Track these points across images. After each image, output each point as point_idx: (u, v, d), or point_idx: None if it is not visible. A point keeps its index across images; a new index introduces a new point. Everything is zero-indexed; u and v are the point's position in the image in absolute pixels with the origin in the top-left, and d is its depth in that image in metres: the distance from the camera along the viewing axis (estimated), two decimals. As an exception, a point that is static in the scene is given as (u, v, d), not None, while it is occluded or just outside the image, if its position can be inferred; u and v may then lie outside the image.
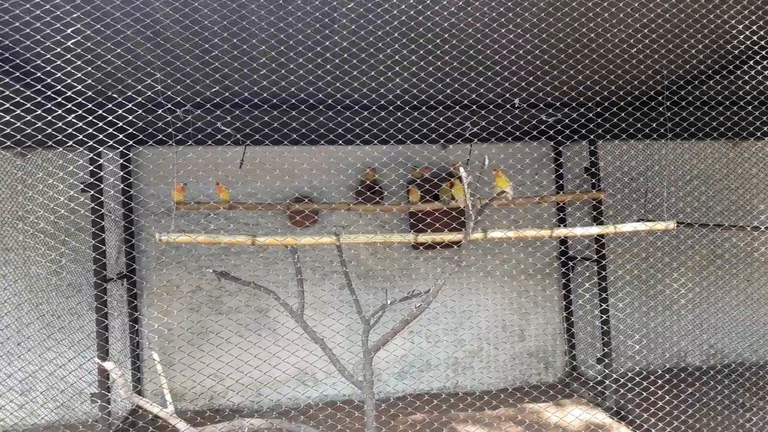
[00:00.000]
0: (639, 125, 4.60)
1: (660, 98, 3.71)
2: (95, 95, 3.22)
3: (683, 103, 3.84)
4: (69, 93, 2.89)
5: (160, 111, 3.40)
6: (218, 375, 4.82)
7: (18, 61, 2.72)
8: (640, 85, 3.64)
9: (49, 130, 3.29)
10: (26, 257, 4.64)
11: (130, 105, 3.27)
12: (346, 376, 2.96)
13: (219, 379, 4.87)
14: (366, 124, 4.11)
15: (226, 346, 4.78)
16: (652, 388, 4.70)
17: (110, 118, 3.40)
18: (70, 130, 3.20)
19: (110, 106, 3.40)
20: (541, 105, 3.99)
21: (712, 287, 5.62)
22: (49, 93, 2.93)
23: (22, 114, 2.99)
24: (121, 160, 4.55)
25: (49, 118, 2.97)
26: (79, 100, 3.01)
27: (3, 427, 4.56)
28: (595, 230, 3.45)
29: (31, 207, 4.54)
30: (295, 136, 4.39)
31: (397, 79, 3.23)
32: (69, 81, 2.78)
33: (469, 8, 2.38)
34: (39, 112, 2.98)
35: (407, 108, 3.81)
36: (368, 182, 4.91)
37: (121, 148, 4.55)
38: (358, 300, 3.19)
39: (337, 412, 4.76)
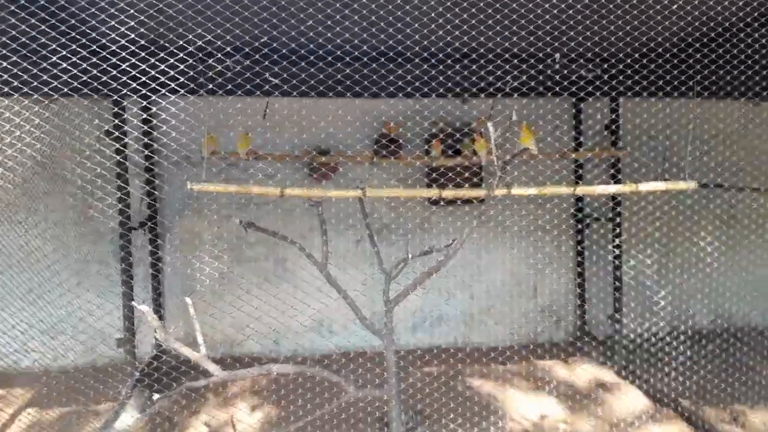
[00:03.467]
0: (661, 83, 4.53)
1: (690, 50, 3.65)
2: (108, 42, 3.20)
3: (714, 56, 3.77)
4: (104, 41, 2.89)
5: (189, 60, 3.39)
6: (238, 322, 4.94)
7: (53, 8, 2.71)
8: (671, 37, 3.57)
9: (84, 78, 3.30)
10: (54, 204, 4.73)
11: (152, 49, 3.25)
12: (367, 326, 3.05)
13: (239, 326, 4.99)
14: (391, 77, 4.07)
15: (246, 295, 4.88)
16: (660, 345, 4.80)
17: (138, 64, 3.39)
18: (96, 73, 3.21)
19: (133, 48, 3.37)
20: (570, 57, 3.93)
21: (724, 247, 5.65)
22: (83, 40, 2.93)
23: (59, 61, 3.00)
24: (145, 103, 4.55)
25: (85, 65, 2.98)
26: (103, 42, 3.01)
27: (36, 368, 4.74)
28: (616, 188, 3.46)
29: (56, 153, 4.58)
30: (321, 88, 4.36)
31: (425, 30, 3.19)
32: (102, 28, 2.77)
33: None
34: (72, 58, 2.98)
35: (433, 60, 3.77)
36: (391, 135, 4.89)
37: (144, 92, 4.54)
38: (379, 252, 3.26)
39: (352, 361, 4.89)
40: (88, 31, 2.92)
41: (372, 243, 3.24)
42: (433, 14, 3.01)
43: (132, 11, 2.72)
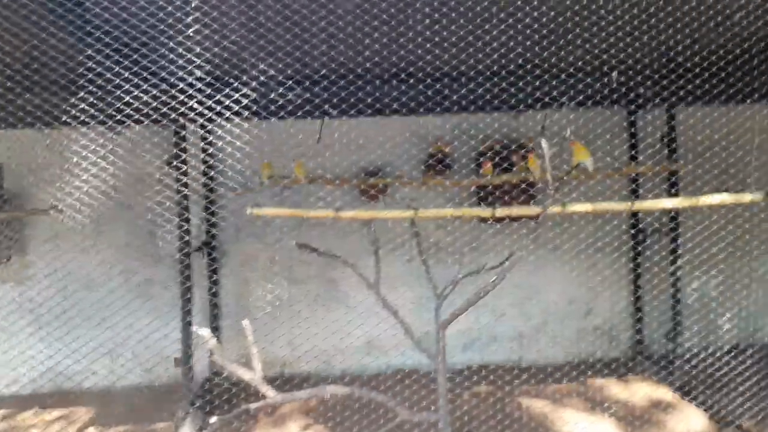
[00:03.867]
0: (721, 88, 4.33)
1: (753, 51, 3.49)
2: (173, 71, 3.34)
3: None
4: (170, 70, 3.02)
5: (248, 87, 3.50)
6: (290, 343, 5.01)
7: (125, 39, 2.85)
8: (732, 38, 3.45)
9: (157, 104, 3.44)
10: (119, 229, 4.98)
11: (208, 77, 3.37)
12: (418, 346, 3.02)
13: (291, 346, 5.05)
14: (443, 93, 4.07)
15: (298, 316, 4.95)
16: (718, 365, 4.54)
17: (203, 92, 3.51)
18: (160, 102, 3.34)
19: (190, 80, 3.50)
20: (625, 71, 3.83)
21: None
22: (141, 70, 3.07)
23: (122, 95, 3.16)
24: (205, 130, 4.69)
25: (158, 94, 3.12)
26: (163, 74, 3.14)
27: (95, 389, 4.93)
28: (676, 202, 3.33)
29: (117, 180, 4.78)
30: (378, 106, 4.38)
31: (479, 43, 3.19)
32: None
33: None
34: (128, 88, 3.12)
35: (488, 74, 3.75)
36: (439, 155, 4.87)
37: (201, 121, 4.68)
38: (429, 272, 3.24)
39: (402, 381, 4.83)
40: (148, 64, 3.06)
41: (424, 263, 3.23)
42: (495, 32, 3.00)
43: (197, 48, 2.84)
